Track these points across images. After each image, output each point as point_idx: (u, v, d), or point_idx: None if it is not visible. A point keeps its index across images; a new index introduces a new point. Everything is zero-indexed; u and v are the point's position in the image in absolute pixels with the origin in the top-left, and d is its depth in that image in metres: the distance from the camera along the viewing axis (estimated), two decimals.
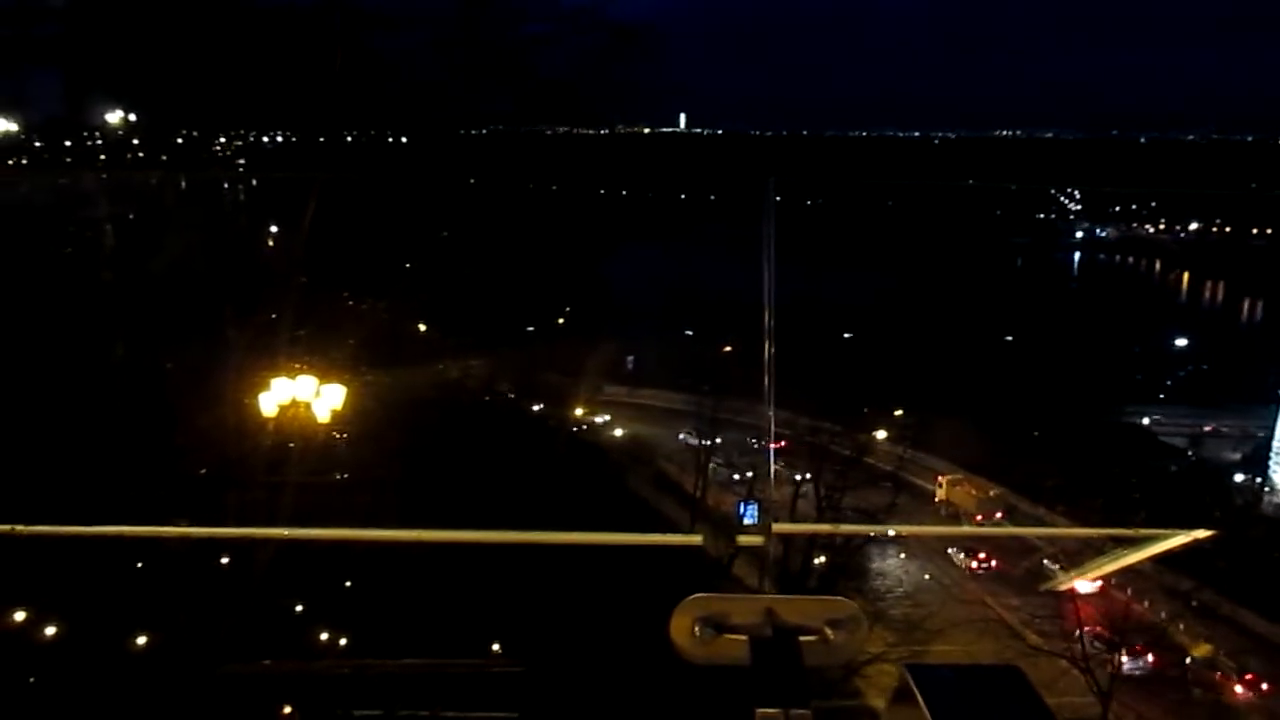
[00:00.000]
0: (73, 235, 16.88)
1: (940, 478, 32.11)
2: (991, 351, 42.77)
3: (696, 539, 2.06)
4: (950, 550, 29.69)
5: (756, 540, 1.93)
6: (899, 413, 33.73)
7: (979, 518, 31.86)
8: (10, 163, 21.69)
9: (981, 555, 28.97)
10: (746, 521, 27.96)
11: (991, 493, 32.46)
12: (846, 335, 40.14)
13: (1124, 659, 21.04)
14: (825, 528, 29.21)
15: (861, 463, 29.53)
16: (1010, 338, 47.82)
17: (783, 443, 32.31)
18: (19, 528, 2.40)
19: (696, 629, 1.58)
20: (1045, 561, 27.72)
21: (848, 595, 1.78)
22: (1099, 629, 22.02)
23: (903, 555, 29.80)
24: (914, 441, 31.99)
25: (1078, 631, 21.10)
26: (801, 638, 1.58)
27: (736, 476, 30.35)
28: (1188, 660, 23.11)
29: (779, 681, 1.49)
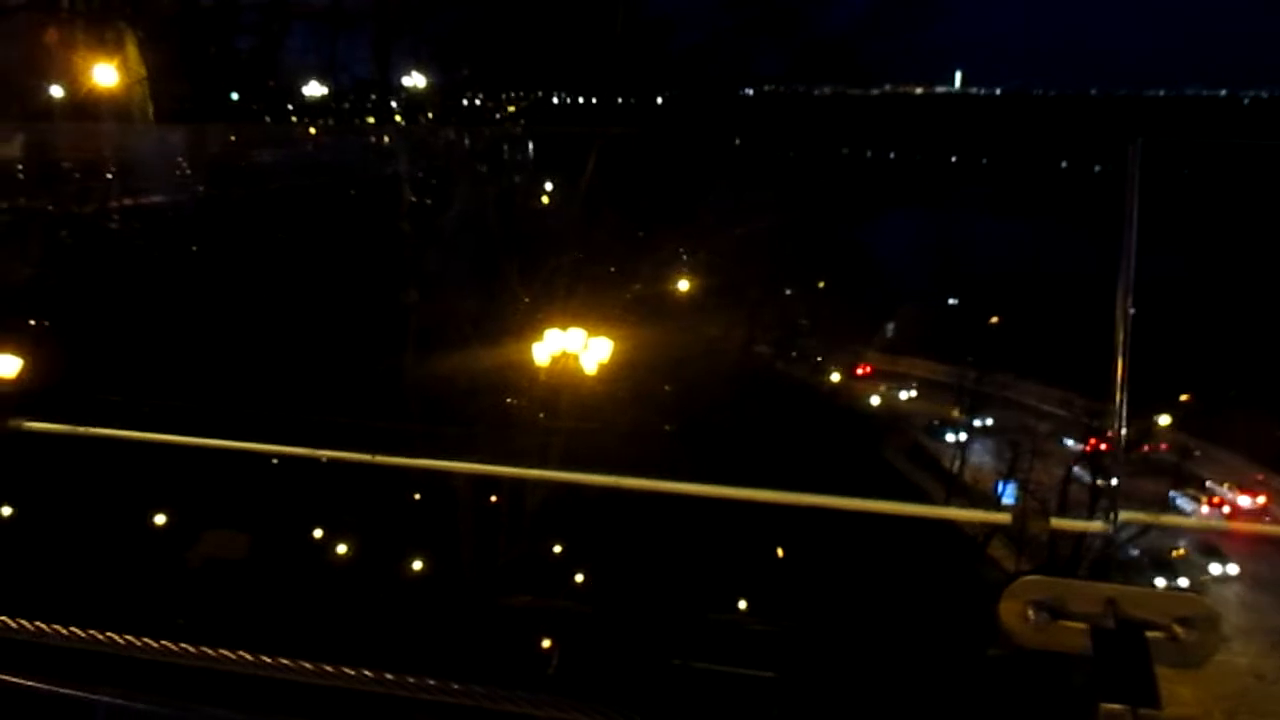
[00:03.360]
0: (375, 189, 18.33)
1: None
2: None
3: (1005, 518, 1.97)
4: None
5: (1099, 527, 1.82)
6: (1185, 398, 31.16)
7: (1145, 448, 29.99)
8: (321, 122, 23.76)
9: None
10: (1006, 501, 26.80)
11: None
12: (1131, 311, 37.22)
13: None
14: (1174, 519, 27.37)
15: (1139, 449, 27.55)
16: None
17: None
18: (319, 451, 2.66)
19: (1030, 612, 1.52)
20: None
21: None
22: None
23: None
24: (1203, 431, 29.49)
25: None
26: (1148, 633, 1.49)
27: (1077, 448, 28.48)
28: None
29: (1126, 677, 1.41)
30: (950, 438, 32.43)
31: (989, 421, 32.35)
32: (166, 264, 16.25)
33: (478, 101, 23.68)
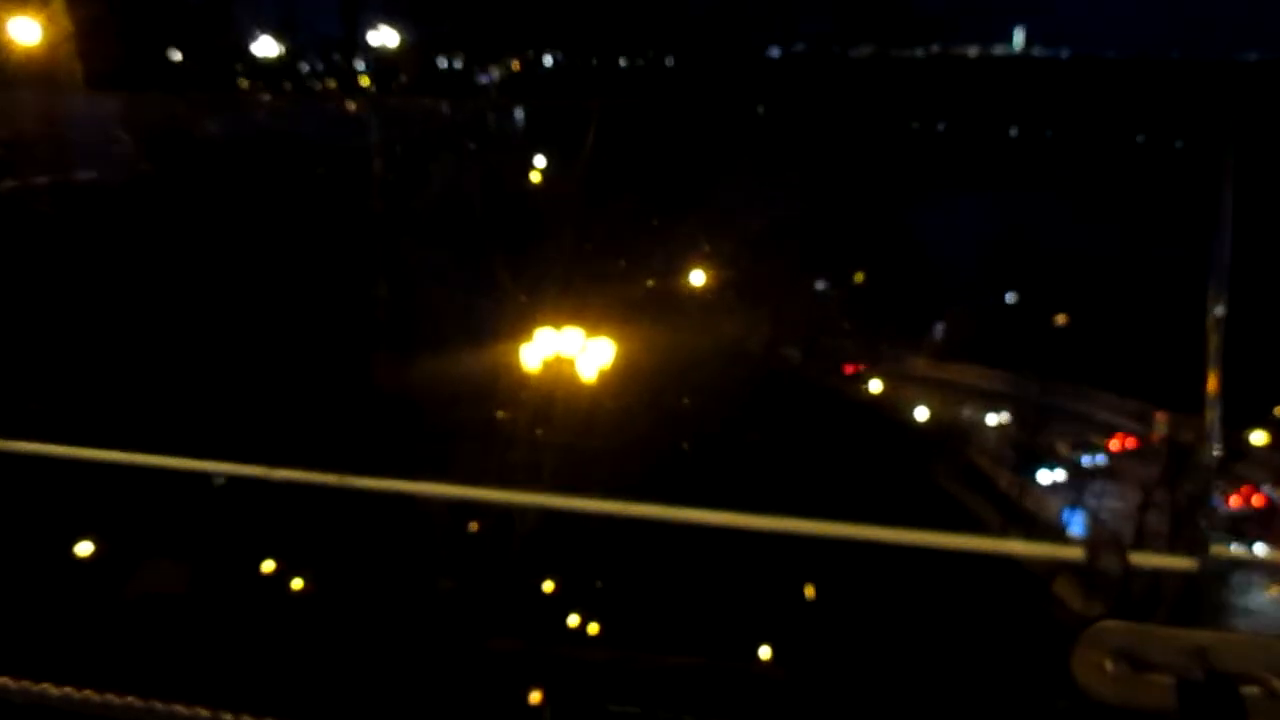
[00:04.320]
0: (340, 163, 18.37)
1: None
2: None
3: (1076, 552, 1.97)
4: None
5: (1186, 564, 1.82)
6: None
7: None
8: (279, 87, 23.82)
9: None
10: (1071, 532, 26.75)
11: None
12: (1219, 312, 37.09)
13: None
14: (1275, 556, 27.28)
15: (1230, 469, 27.52)
16: None
17: (1128, 440, 30.57)
18: (275, 471, 2.66)
19: (1108, 663, 1.52)
20: None
21: None
22: None
23: None
24: None
25: None
26: (1243, 687, 1.48)
27: None
28: None
29: None
30: (1046, 478, 30.56)
31: (1099, 459, 31.03)
32: (98, 251, 16.29)
33: (459, 64, 23.73)
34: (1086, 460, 30.76)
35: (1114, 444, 30.53)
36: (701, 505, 2.28)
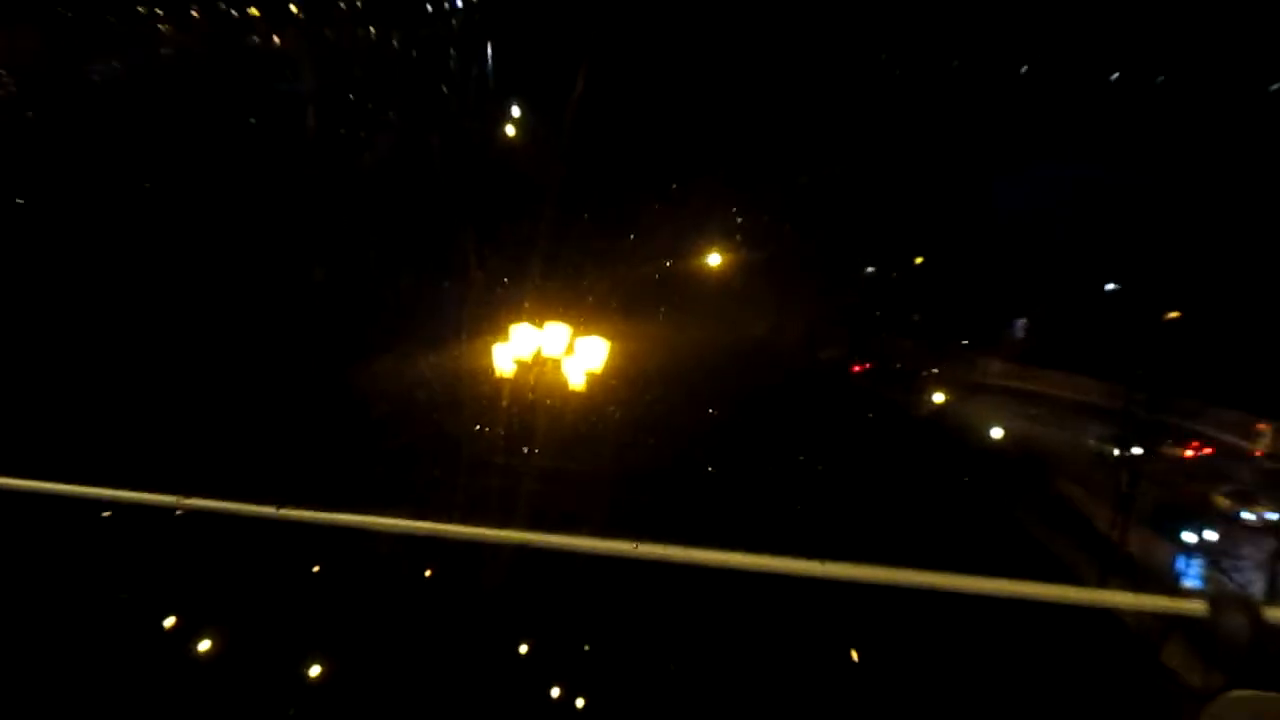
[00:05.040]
0: (265, 113, 18.42)
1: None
2: None
3: (1196, 606, 1.99)
4: None
5: None
6: None
7: None
8: (186, 16, 23.89)
9: None
10: (1187, 583, 26.71)
11: None
12: None
13: None
14: None
15: None
16: None
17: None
18: (185, 500, 2.68)
19: None
20: None
21: None
22: None
23: None
24: None
25: None
26: None
27: None
28: None
29: None
30: (1192, 536, 28.86)
31: (1269, 515, 28.84)
32: None
33: None
34: (1249, 516, 29.04)
35: (1188, 453, 30.96)
36: (720, 545, 2.29)
